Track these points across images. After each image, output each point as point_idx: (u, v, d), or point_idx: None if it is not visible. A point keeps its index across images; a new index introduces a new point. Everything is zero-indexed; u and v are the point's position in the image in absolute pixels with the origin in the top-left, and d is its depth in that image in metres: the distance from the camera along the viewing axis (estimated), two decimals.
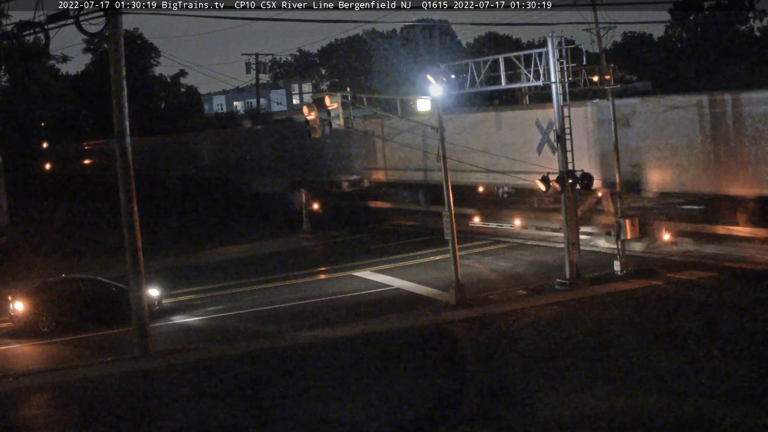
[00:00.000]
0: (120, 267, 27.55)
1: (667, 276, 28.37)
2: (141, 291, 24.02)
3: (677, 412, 16.52)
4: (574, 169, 27.95)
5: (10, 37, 28.94)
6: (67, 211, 59.02)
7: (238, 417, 18.50)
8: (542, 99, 36.13)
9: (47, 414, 20.00)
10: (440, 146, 27.51)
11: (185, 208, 58.38)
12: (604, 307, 25.06)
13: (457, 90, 30.63)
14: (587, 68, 30.42)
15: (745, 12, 78.16)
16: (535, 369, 19.90)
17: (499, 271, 32.09)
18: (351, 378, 20.53)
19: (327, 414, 18.16)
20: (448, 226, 27.26)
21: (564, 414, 16.93)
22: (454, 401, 18.46)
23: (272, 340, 24.65)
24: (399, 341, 23.47)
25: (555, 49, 27.76)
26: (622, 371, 19.15)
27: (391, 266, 34.13)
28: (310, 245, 41.97)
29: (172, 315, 28.68)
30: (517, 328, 23.64)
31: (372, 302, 28.42)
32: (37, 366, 23.88)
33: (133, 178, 23.80)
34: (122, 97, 23.53)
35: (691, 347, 20.48)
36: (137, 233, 23.80)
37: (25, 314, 27.19)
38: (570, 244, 28.10)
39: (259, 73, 75.71)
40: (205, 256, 40.19)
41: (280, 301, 29.54)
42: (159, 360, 23.31)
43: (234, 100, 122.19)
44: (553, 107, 28.63)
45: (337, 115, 27.26)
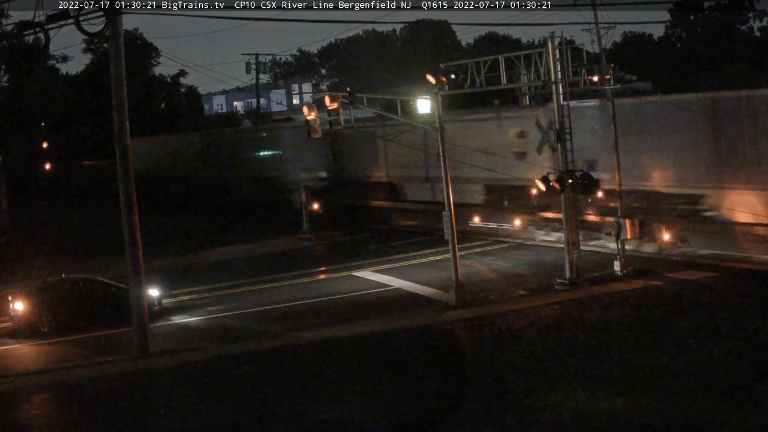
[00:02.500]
0: (120, 267, 27.57)
1: (667, 276, 28.36)
2: (141, 291, 24.02)
3: (677, 412, 16.52)
4: (574, 169, 27.97)
5: (10, 37, 28.96)
6: (67, 211, 59.05)
7: (238, 417, 18.51)
8: (542, 99, 36.11)
9: (47, 414, 20.02)
10: (440, 146, 27.51)
11: (186, 208, 58.41)
12: (604, 307, 25.05)
13: (456, 90, 30.61)
14: (587, 68, 30.42)
15: (745, 12, 78.19)
16: (535, 369, 19.89)
17: (499, 271, 32.09)
18: (351, 378, 20.52)
19: (327, 414, 18.16)
20: (448, 226, 27.25)
21: (564, 414, 16.93)
22: (454, 401, 18.45)
23: (272, 340, 24.65)
24: (399, 341, 23.46)
25: (555, 49, 27.77)
26: (622, 371, 19.15)
27: (391, 266, 34.13)
28: (310, 245, 41.98)
29: (172, 315, 28.68)
30: (517, 328, 23.63)
31: (372, 302, 28.41)
32: (37, 366, 23.87)
33: (132, 178, 23.81)
34: (122, 97, 23.52)
35: (691, 347, 20.48)
36: (137, 233, 23.81)
37: (25, 314, 27.19)
38: (570, 244, 28.10)
39: (259, 73, 75.73)
40: (205, 256, 40.20)
41: (280, 301, 29.54)
42: (159, 360, 23.31)
43: (234, 100, 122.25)
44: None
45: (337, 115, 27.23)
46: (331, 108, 27.14)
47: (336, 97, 27.27)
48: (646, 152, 33.19)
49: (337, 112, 27.17)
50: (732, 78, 59.08)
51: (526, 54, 29.99)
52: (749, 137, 30.09)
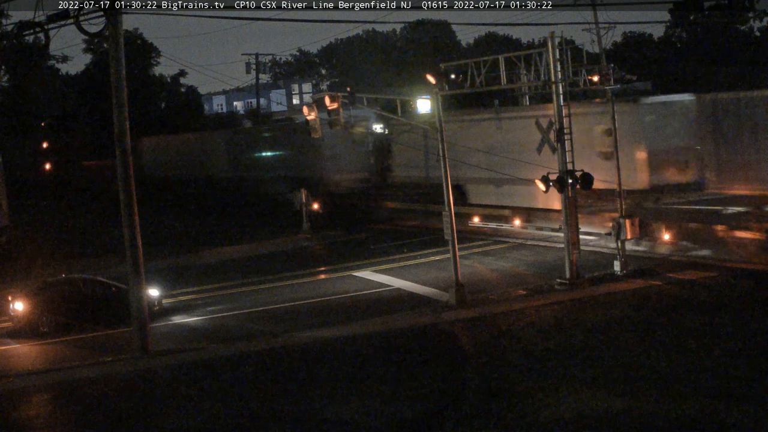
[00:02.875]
0: (120, 267, 27.56)
1: (667, 276, 28.35)
2: (141, 291, 24.02)
3: (677, 412, 16.51)
4: (574, 169, 27.97)
5: (10, 37, 28.96)
6: (67, 211, 59.02)
7: (238, 417, 18.50)
8: (542, 99, 36.03)
9: (47, 414, 20.01)
10: (440, 146, 27.51)
11: (187, 208, 58.39)
12: (604, 308, 25.04)
13: (457, 90, 30.60)
14: (587, 68, 30.43)
15: (745, 12, 78.08)
16: (535, 369, 19.89)
17: (499, 271, 32.09)
18: (351, 378, 20.52)
19: (327, 414, 18.16)
20: (448, 226, 27.25)
21: (564, 414, 16.92)
22: (454, 401, 18.45)
23: (272, 341, 24.63)
24: (399, 341, 23.46)
25: (555, 49, 27.77)
26: (622, 371, 19.14)
27: (391, 266, 34.12)
28: (310, 245, 41.98)
29: (172, 315, 28.68)
30: (517, 328, 23.63)
31: (372, 302, 28.41)
32: (37, 366, 23.87)
33: (132, 178, 23.81)
34: (122, 97, 23.52)
35: (691, 347, 20.48)
36: (137, 233, 23.81)
37: (25, 314, 27.19)
38: (570, 244, 28.10)
39: (259, 73, 75.81)
40: (205, 256, 40.19)
41: (280, 301, 29.54)
42: (159, 360, 23.31)
43: (234, 100, 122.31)
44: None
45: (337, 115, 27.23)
46: (331, 108, 27.15)
47: (336, 97, 27.26)
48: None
49: (337, 112, 27.17)
50: (732, 78, 59.07)
51: (526, 54, 29.97)
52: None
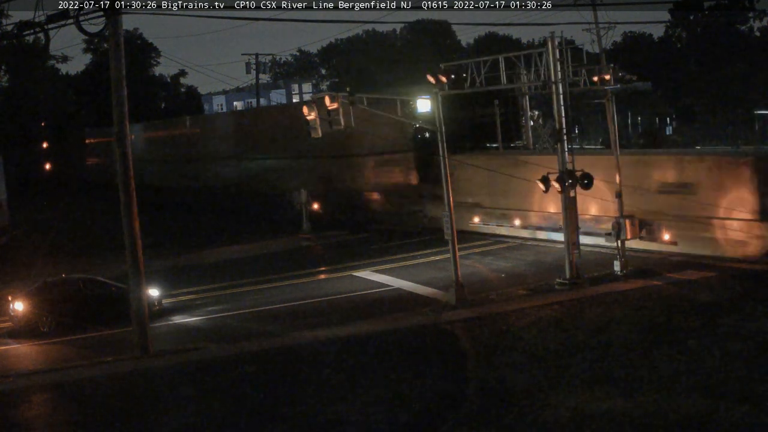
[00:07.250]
0: (120, 267, 27.56)
1: (667, 276, 28.34)
2: (141, 291, 24.02)
3: (677, 412, 16.52)
4: (573, 169, 27.96)
5: (10, 37, 28.95)
6: (67, 210, 58.98)
7: (238, 417, 18.51)
8: (542, 99, 36.00)
9: (47, 414, 20.02)
10: (440, 146, 27.50)
11: (187, 208, 58.38)
12: (604, 307, 25.03)
13: (457, 90, 30.59)
14: (587, 68, 30.42)
15: (745, 12, 78.06)
16: (535, 369, 19.89)
17: (499, 271, 32.06)
18: (351, 378, 20.52)
19: (327, 414, 18.16)
20: (448, 226, 27.25)
21: (564, 414, 16.93)
22: (454, 401, 18.45)
23: (272, 340, 24.64)
24: (399, 341, 23.45)
25: (555, 49, 27.76)
26: (622, 371, 19.15)
27: (391, 266, 34.11)
28: (310, 245, 41.98)
29: (172, 315, 28.68)
30: (517, 328, 23.63)
31: (372, 302, 28.41)
32: (37, 366, 23.87)
33: (132, 178, 23.80)
34: (122, 97, 23.53)
35: (691, 347, 20.48)
36: (137, 233, 23.81)
37: (25, 314, 27.20)
38: (570, 244, 28.09)
39: (259, 73, 75.77)
40: (205, 256, 40.20)
41: (280, 301, 29.53)
42: (159, 360, 23.31)
43: (234, 100, 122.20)
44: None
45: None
46: (331, 108, 27.11)
47: (336, 97, 27.24)
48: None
49: (337, 112, 27.15)
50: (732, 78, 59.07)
51: (526, 54, 29.97)
52: None
